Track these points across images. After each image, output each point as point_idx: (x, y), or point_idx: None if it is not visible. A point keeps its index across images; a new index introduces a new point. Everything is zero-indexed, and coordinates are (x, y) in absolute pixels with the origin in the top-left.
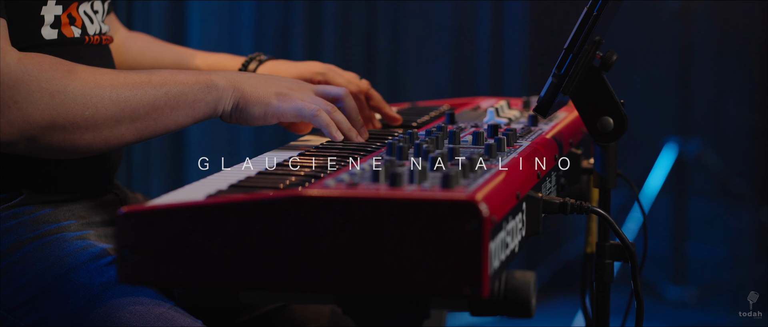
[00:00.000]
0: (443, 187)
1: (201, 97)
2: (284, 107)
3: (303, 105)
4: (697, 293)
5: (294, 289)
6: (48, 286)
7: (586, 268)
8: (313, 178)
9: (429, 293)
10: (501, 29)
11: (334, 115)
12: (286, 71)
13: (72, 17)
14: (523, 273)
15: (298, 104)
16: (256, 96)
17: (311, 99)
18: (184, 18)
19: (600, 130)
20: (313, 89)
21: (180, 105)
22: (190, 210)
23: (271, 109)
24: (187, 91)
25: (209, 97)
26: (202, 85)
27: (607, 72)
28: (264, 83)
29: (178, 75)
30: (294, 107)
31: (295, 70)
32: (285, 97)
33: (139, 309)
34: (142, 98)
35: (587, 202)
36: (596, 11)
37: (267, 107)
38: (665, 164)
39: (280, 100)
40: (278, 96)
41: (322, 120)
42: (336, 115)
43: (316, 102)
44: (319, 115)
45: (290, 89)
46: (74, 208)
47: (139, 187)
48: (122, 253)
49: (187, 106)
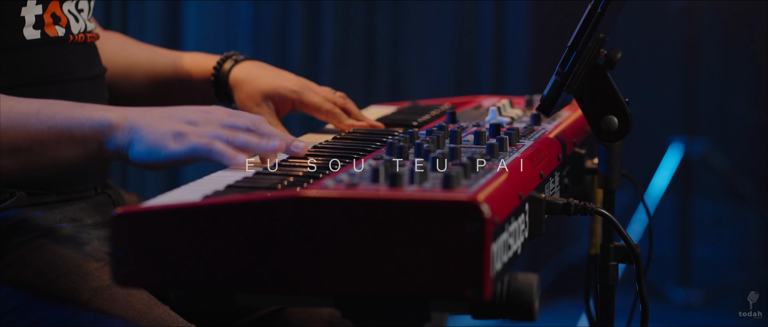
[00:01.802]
0: (444, 188)
1: (91, 135)
2: (178, 151)
3: (197, 143)
4: (704, 296)
5: (292, 292)
6: (39, 291)
7: (590, 270)
8: (311, 179)
9: (430, 296)
10: (503, 26)
11: (236, 139)
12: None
13: (56, 16)
14: (526, 275)
15: (192, 143)
16: (151, 137)
17: (210, 133)
18: (181, 18)
19: (604, 130)
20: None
21: (67, 141)
22: (186, 211)
23: (165, 154)
24: (74, 128)
25: (101, 135)
26: (94, 123)
27: (612, 70)
28: (163, 120)
29: (73, 109)
30: (189, 149)
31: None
32: (181, 139)
33: (132, 314)
34: (22, 130)
35: (591, 203)
36: (600, 8)
37: (161, 151)
38: (671, 164)
39: (176, 142)
40: (175, 137)
41: (217, 151)
42: (239, 138)
43: (214, 134)
44: (213, 147)
45: (192, 125)
46: (66, 210)
47: (134, 188)
48: (117, 255)
49: (76, 143)
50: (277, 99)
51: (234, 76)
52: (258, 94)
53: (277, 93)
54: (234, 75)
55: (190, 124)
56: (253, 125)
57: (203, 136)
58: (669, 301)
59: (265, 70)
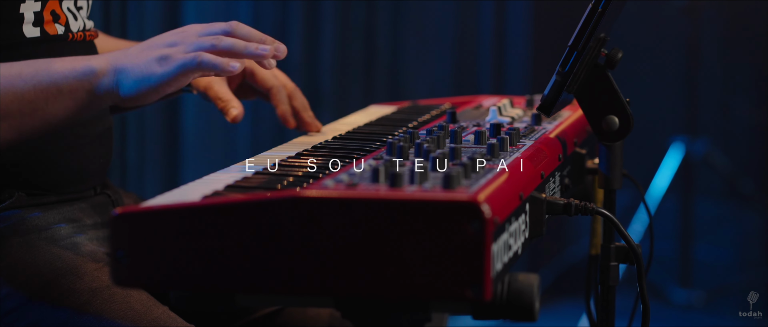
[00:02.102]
0: (444, 188)
1: (78, 85)
2: (167, 71)
3: (183, 59)
4: (705, 296)
5: (291, 292)
6: (37, 292)
7: (590, 271)
8: (311, 179)
9: (430, 296)
10: (503, 26)
11: (221, 43)
12: None
13: (56, 14)
14: (527, 275)
15: (179, 60)
16: (137, 69)
17: (198, 44)
18: (180, 18)
19: (605, 130)
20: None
21: (55, 96)
22: (185, 211)
23: (155, 78)
24: (60, 81)
25: (87, 83)
26: (78, 72)
27: (613, 70)
28: (144, 52)
29: (54, 64)
30: (177, 67)
31: None
32: (167, 61)
33: (131, 314)
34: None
35: (592, 203)
36: (601, 8)
37: (150, 78)
38: (672, 164)
39: (163, 65)
40: (160, 61)
41: (206, 61)
42: (223, 42)
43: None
44: (201, 58)
45: (172, 47)
46: (64, 211)
47: (133, 188)
48: (116, 255)
49: (64, 96)
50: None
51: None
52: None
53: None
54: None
55: (170, 46)
56: (230, 28)
57: (188, 51)
58: (670, 301)
59: None
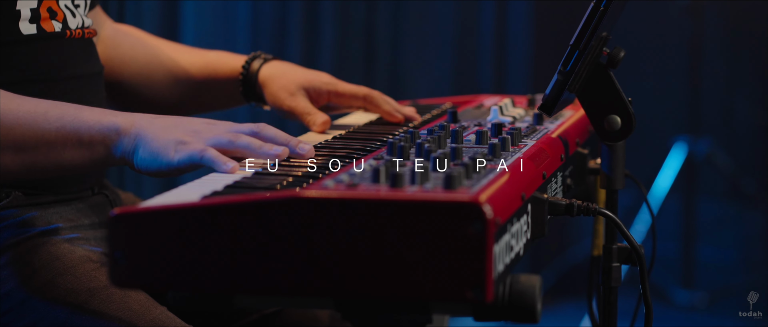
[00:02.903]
0: (446, 188)
1: (99, 140)
2: (177, 160)
3: (192, 151)
4: (708, 297)
5: (291, 293)
6: (35, 292)
7: (592, 272)
8: (311, 179)
9: (431, 298)
10: (505, 24)
11: (239, 141)
12: (295, 72)
13: (53, 11)
14: (528, 276)
15: (189, 152)
16: (155, 145)
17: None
18: (178, 17)
19: (607, 129)
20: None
21: (74, 144)
22: (184, 211)
23: (166, 162)
24: (82, 131)
25: (108, 140)
26: (102, 127)
27: (615, 69)
28: (168, 128)
29: (82, 112)
30: (185, 158)
31: (305, 75)
32: (182, 147)
33: (130, 315)
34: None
35: (594, 204)
36: (603, 6)
37: (162, 159)
38: (674, 164)
39: (177, 152)
40: (177, 145)
41: (208, 157)
42: (241, 140)
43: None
44: (205, 153)
45: (196, 134)
46: (62, 211)
47: (131, 188)
48: (114, 256)
49: (83, 146)
50: (312, 90)
51: (264, 73)
52: (292, 85)
53: (312, 85)
54: (264, 72)
55: (193, 133)
56: (257, 128)
57: (202, 142)
58: (672, 302)
59: (296, 67)
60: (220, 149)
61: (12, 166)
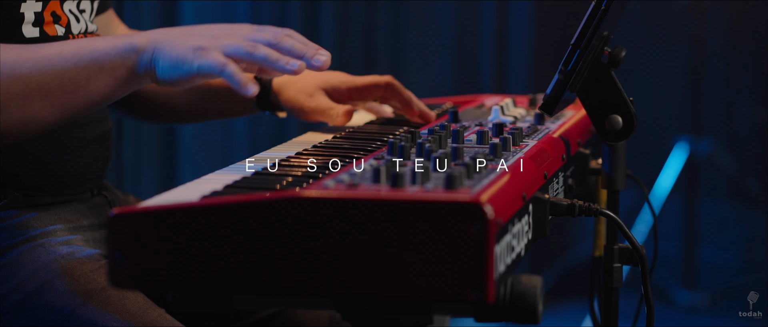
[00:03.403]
0: (446, 188)
1: (119, 62)
2: (198, 65)
3: (213, 60)
4: (710, 298)
5: (291, 294)
6: (33, 294)
7: (594, 272)
8: (311, 179)
9: (432, 298)
10: (505, 24)
11: (256, 52)
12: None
13: (56, 15)
14: (530, 277)
15: (209, 59)
16: (173, 53)
17: (236, 46)
18: (177, 17)
19: (608, 129)
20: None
21: (95, 73)
22: (183, 211)
23: (187, 68)
24: (101, 58)
25: (129, 60)
26: (119, 50)
27: (616, 69)
28: (185, 36)
29: (95, 42)
30: (205, 65)
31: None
32: (202, 52)
33: (127, 317)
34: (49, 71)
35: (595, 204)
36: (604, 5)
37: (183, 65)
38: (676, 164)
39: (196, 56)
40: (196, 51)
41: (229, 73)
42: (259, 52)
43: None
44: (226, 68)
45: (214, 39)
46: (61, 212)
47: (130, 188)
48: (113, 256)
49: (104, 73)
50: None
51: (278, 80)
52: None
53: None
54: (278, 79)
55: (212, 38)
56: (274, 39)
57: (221, 53)
58: (674, 303)
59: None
60: (238, 59)
61: (43, 113)
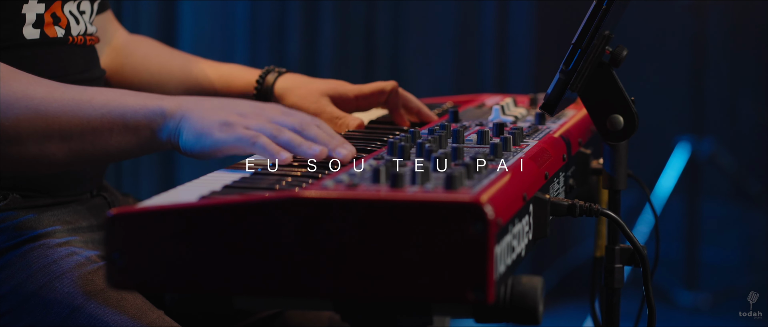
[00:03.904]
0: (446, 189)
1: (145, 124)
2: (223, 140)
3: (242, 134)
4: (711, 299)
5: (290, 295)
6: (31, 296)
7: (595, 273)
8: (310, 179)
9: (432, 299)
10: (506, 23)
11: (280, 136)
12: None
13: (56, 17)
14: (530, 278)
15: (238, 135)
16: (199, 125)
17: (261, 128)
18: (175, 17)
19: (609, 129)
20: (271, 119)
21: (120, 129)
22: (182, 212)
23: (210, 142)
24: (128, 116)
25: (154, 123)
26: (148, 111)
27: (617, 68)
28: (214, 110)
29: (127, 97)
30: (233, 139)
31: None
32: (228, 128)
33: (126, 318)
34: (74, 116)
35: (596, 204)
36: (605, 4)
37: (207, 138)
38: (677, 164)
39: (222, 131)
40: (222, 126)
41: (261, 145)
42: (283, 136)
43: (265, 130)
44: (258, 141)
45: (242, 117)
46: (59, 213)
47: (129, 189)
48: (111, 257)
49: (129, 131)
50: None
51: (280, 86)
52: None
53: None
54: (279, 86)
55: (239, 115)
56: (299, 126)
57: (250, 128)
58: (676, 304)
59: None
60: None
61: (59, 155)
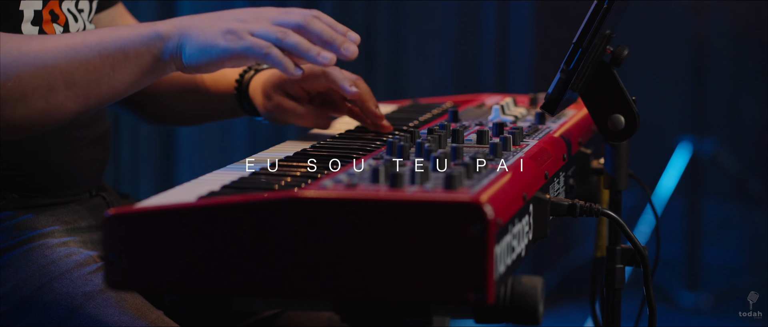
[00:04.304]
0: (446, 188)
1: (144, 50)
2: (232, 47)
3: (252, 42)
4: (713, 299)
5: (289, 296)
6: (29, 296)
7: (596, 273)
8: (309, 179)
9: (431, 300)
10: (507, 22)
11: (286, 40)
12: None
13: (55, 14)
14: (530, 278)
15: (248, 43)
16: (202, 37)
17: (264, 31)
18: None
19: (610, 129)
20: (272, 20)
21: (121, 62)
22: (180, 212)
23: (217, 51)
24: (126, 46)
25: (154, 47)
26: (144, 37)
27: (618, 68)
28: (213, 21)
29: (119, 30)
30: (242, 47)
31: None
32: (233, 36)
33: (125, 319)
34: (73, 60)
35: (597, 204)
36: (606, 4)
37: (213, 49)
38: (679, 164)
39: (228, 40)
40: (226, 34)
41: (274, 57)
42: (289, 39)
43: (269, 33)
44: (270, 52)
45: (243, 23)
46: (58, 213)
47: (127, 189)
48: (109, 258)
49: (129, 61)
50: (288, 84)
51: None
52: (269, 87)
53: (286, 79)
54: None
55: (240, 22)
56: (303, 21)
57: (255, 33)
58: (677, 304)
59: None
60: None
61: (68, 104)
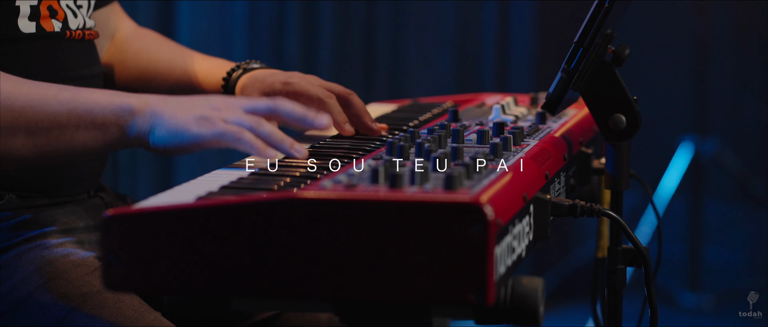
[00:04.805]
0: (446, 189)
1: (112, 120)
2: (204, 133)
3: (225, 128)
4: (714, 300)
5: (289, 297)
6: (27, 297)
7: (597, 274)
8: (309, 179)
9: (431, 301)
10: (507, 21)
11: (260, 129)
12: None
13: (53, 10)
14: (531, 279)
15: (220, 128)
16: (174, 121)
17: (237, 119)
18: (174, 18)
19: (612, 129)
20: (242, 106)
21: (86, 125)
22: (179, 213)
23: (188, 137)
24: (95, 111)
25: (122, 120)
26: (116, 107)
27: (620, 67)
28: (185, 106)
29: (94, 94)
30: (215, 133)
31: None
32: (206, 122)
33: (123, 320)
34: (41, 111)
35: (598, 205)
36: (608, 3)
37: (184, 134)
38: (680, 164)
39: (200, 126)
40: (198, 121)
41: (247, 142)
42: (263, 128)
43: (243, 121)
44: (242, 137)
45: (215, 110)
46: (56, 214)
47: (126, 190)
48: (107, 259)
49: (95, 127)
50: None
51: (239, 85)
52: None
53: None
54: (239, 84)
55: (213, 109)
56: (274, 107)
57: (230, 122)
58: (678, 305)
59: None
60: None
61: (24, 151)
